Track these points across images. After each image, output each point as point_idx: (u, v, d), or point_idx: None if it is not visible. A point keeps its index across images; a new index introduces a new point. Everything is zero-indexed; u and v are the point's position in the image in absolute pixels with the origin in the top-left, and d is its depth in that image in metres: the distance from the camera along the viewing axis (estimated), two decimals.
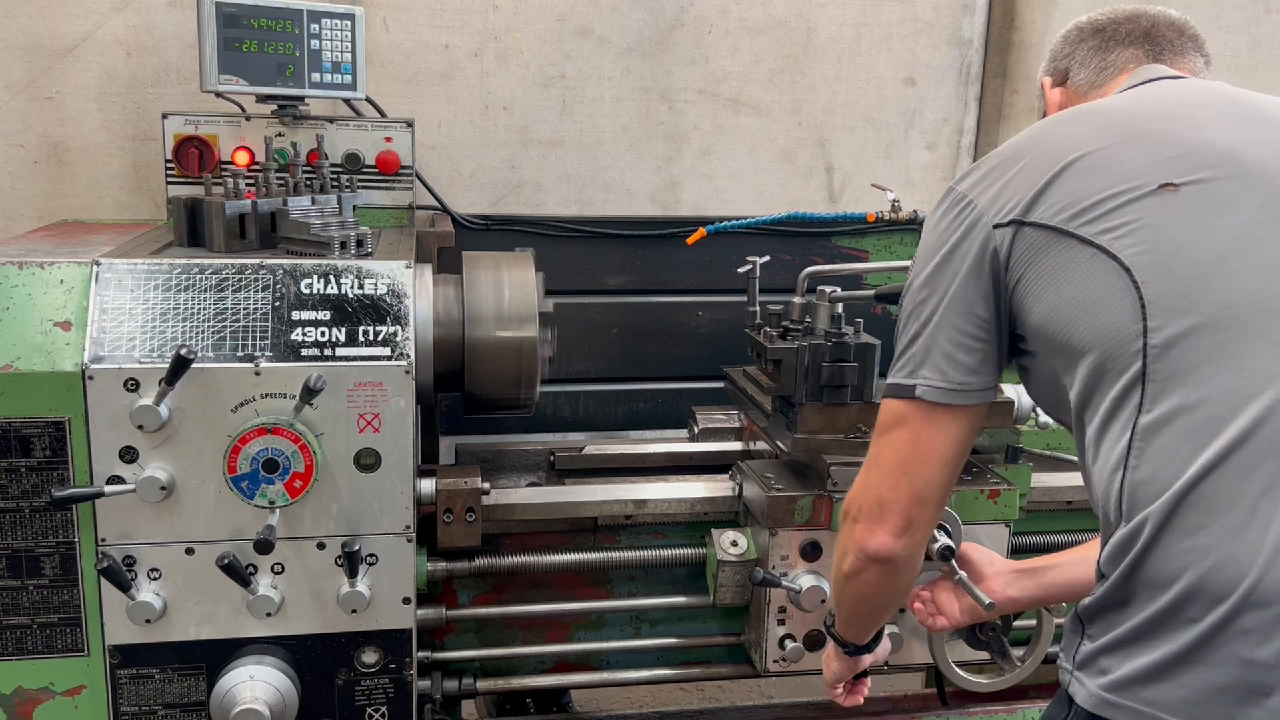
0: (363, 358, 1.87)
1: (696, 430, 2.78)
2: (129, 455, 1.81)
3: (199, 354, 1.79)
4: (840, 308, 2.25)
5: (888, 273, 2.58)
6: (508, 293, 2.15)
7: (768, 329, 2.30)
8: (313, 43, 2.49)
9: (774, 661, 2.19)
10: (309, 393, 1.78)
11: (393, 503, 1.92)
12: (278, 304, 1.88)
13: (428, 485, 2.12)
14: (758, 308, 2.42)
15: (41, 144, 2.87)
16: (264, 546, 1.79)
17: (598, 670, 2.40)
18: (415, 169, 2.70)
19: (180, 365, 1.73)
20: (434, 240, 2.57)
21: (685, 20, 3.19)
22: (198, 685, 1.92)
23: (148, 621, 1.86)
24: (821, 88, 3.32)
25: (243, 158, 2.55)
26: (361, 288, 1.91)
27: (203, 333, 1.84)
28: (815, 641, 2.18)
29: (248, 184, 2.19)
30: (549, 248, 2.98)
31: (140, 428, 1.78)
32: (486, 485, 2.18)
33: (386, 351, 1.88)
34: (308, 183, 2.36)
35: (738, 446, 2.67)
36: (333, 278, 1.91)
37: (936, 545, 1.90)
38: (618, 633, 2.40)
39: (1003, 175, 1.44)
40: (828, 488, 2.11)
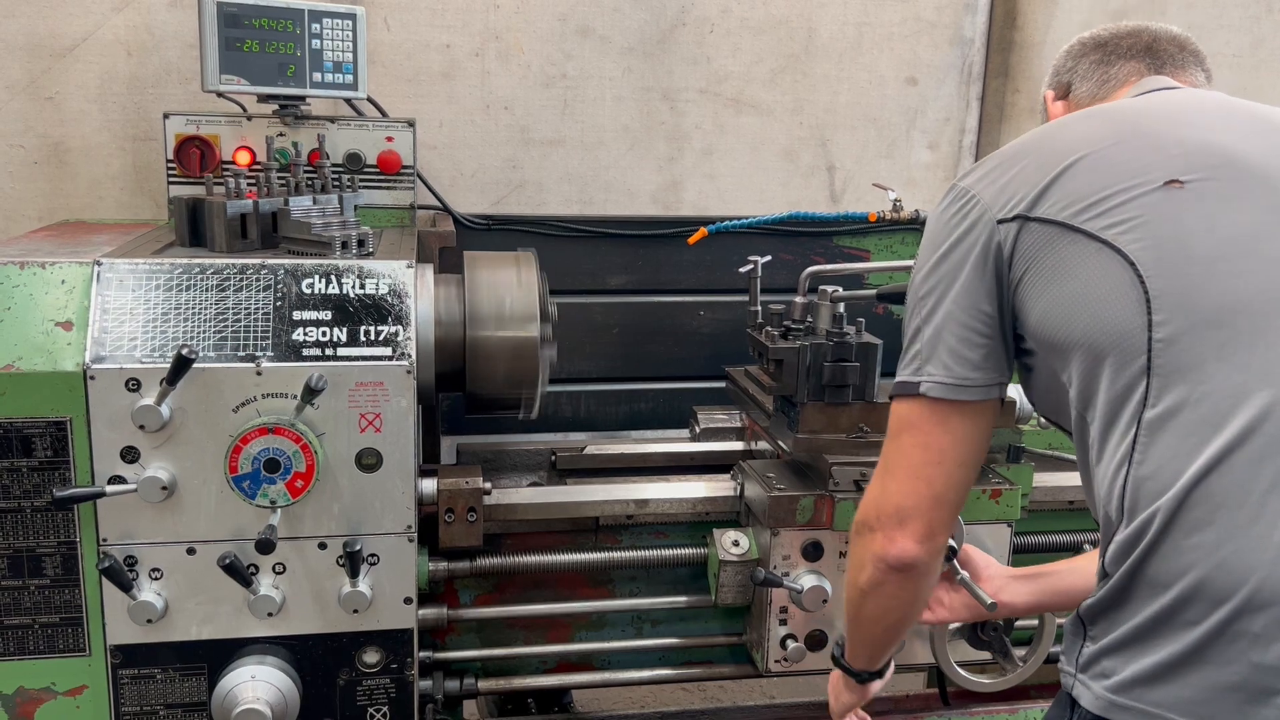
0: (364, 357, 1.87)
1: (698, 430, 2.78)
2: (130, 455, 1.81)
3: (200, 354, 1.79)
4: (842, 307, 2.25)
5: (889, 272, 2.58)
6: (509, 293, 2.15)
7: (769, 329, 2.30)
8: (314, 42, 2.49)
9: (775, 661, 2.19)
10: (310, 392, 1.78)
11: (394, 502, 1.91)
12: (279, 304, 1.88)
13: (429, 485, 2.12)
14: (759, 307, 2.41)
15: (42, 144, 2.87)
16: (265, 546, 1.78)
17: (599, 670, 2.40)
18: (416, 169, 2.70)
19: (181, 365, 1.73)
20: (435, 240, 2.57)
21: (687, 20, 3.19)
22: (199, 685, 1.92)
23: (149, 621, 1.85)
24: (823, 87, 3.32)
25: (244, 157, 2.54)
26: (363, 287, 1.91)
27: (204, 332, 1.83)
28: (817, 641, 2.18)
29: (249, 184, 2.19)
30: (550, 247, 2.98)
31: (141, 427, 1.78)
32: (488, 485, 2.18)
33: (388, 351, 1.88)
34: (309, 182, 2.36)
35: (739, 446, 2.67)
36: (334, 277, 1.91)
37: None
38: (619, 633, 2.40)
39: (1007, 172, 1.44)
40: (829, 487, 2.11)
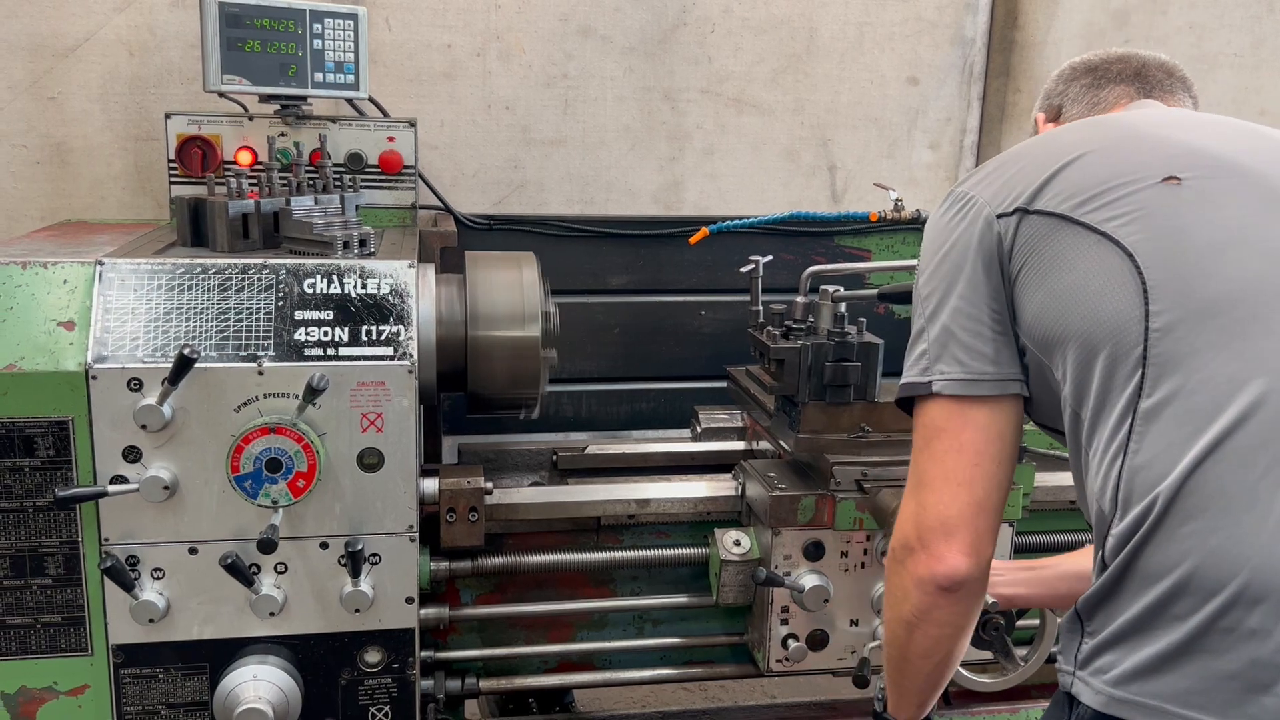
0: (366, 357, 1.87)
1: (699, 430, 2.78)
2: (132, 455, 1.81)
3: (202, 354, 1.79)
4: (843, 307, 2.25)
5: (890, 272, 2.58)
6: (510, 292, 2.15)
7: (770, 328, 2.30)
8: (315, 42, 2.49)
9: (777, 661, 2.19)
10: (312, 392, 1.78)
11: (396, 502, 1.92)
12: (281, 304, 1.88)
13: (431, 485, 2.12)
14: (760, 307, 2.41)
15: (44, 144, 2.88)
16: (267, 546, 1.78)
17: (600, 670, 2.40)
18: (418, 169, 2.70)
19: (183, 365, 1.73)
20: (437, 240, 2.57)
21: (688, 20, 3.19)
22: (201, 685, 1.92)
23: (151, 621, 1.86)
24: (824, 87, 3.32)
25: (245, 157, 2.55)
26: (364, 287, 1.92)
27: (206, 332, 1.84)
28: (818, 641, 2.18)
29: (250, 184, 2.19)
30: (551, 247, 2.98)
31: (143, 427, 1.78)
32: (489, 485, 2.18)
33: (389, 351, 1.88)
34: (310, 182, 2.37)
35: (740, 446, 2.67)
36: (336, 277, 1.91)
37: None
38: (620, 632, 2.40)
39: (1005, 172, 1.46)
40: (831, 487, 2.11)
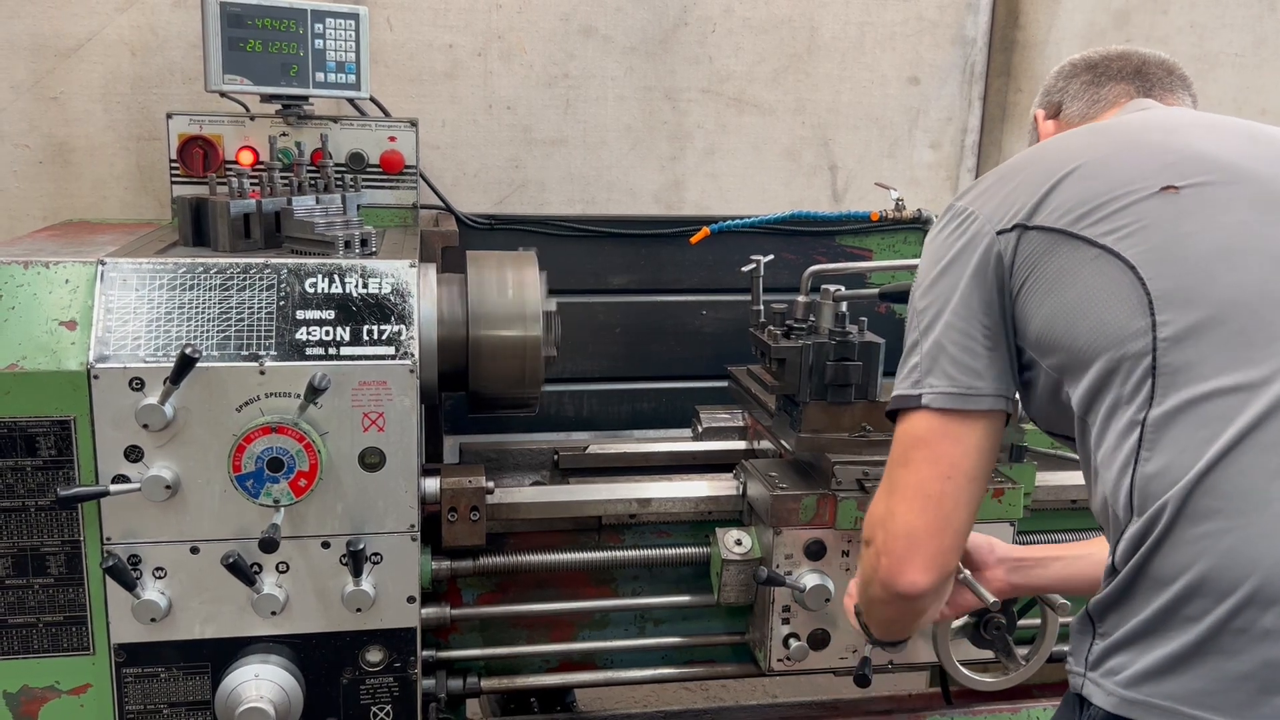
0: (367, 357, 1.87)
1: (700, 429, 2.78)
2: (134, 454, 1.81)
3: (204, 353, 1.79)
4: (844, 306, 2.25)
5: (892, 271, 2.58)
6: (511, 292, 2.15)
7: (772, 328, 2.30)
8: (317, 42, 2.49)
9: (778, 661, 2.19)
10: (314, 392, 1.78)
11: (397, 502, 1.92)
12: (282, 303, 1.88)
13: (432, 484, 2.12)
14: (762, 307, 2.41)
15: (46, 144, 2.88)
16: (269, 545, 1.79)
17: (602, 669, 2.40)
18: (419, 168, 2.70)
19: (185, 364, 1.73)
20: (438, 239, 2.57)
21: (689, 19, 3.19)
22: (203, 684, 1.92)
23: (153, 620, 1.86)
24: (825, 87, 3.32)
25: (247, 157, 2.55)
26: (366, 287, 1.92)
27: (207, 332, 1.84)
28: (820, 640, 2.18)
29: (252, 183, 2.19)
30: (552, 247, 2.98)
31: (145, 427, 1.78)
32: (491, 484, 2.18)
33: (391, 351, 1.88)
34: (312, 182, 2.37)
35: (742, 445, 2.67)
36: (337, 277, 1.91)
37: None
38: (622, 632, 2.40)
39: (1004, 186, 1.46)
40: (832, 487, 2.11)
